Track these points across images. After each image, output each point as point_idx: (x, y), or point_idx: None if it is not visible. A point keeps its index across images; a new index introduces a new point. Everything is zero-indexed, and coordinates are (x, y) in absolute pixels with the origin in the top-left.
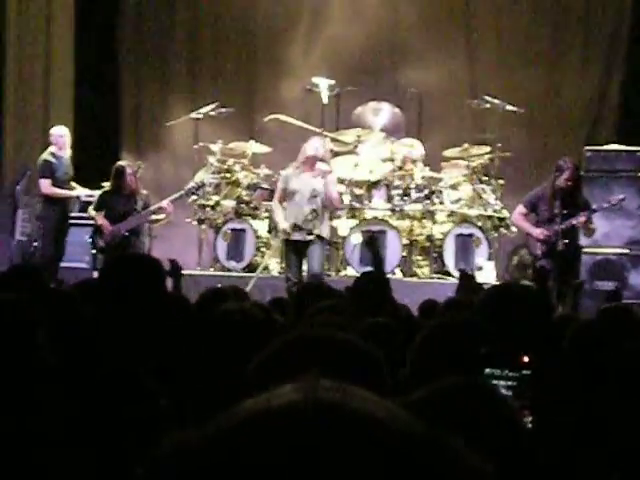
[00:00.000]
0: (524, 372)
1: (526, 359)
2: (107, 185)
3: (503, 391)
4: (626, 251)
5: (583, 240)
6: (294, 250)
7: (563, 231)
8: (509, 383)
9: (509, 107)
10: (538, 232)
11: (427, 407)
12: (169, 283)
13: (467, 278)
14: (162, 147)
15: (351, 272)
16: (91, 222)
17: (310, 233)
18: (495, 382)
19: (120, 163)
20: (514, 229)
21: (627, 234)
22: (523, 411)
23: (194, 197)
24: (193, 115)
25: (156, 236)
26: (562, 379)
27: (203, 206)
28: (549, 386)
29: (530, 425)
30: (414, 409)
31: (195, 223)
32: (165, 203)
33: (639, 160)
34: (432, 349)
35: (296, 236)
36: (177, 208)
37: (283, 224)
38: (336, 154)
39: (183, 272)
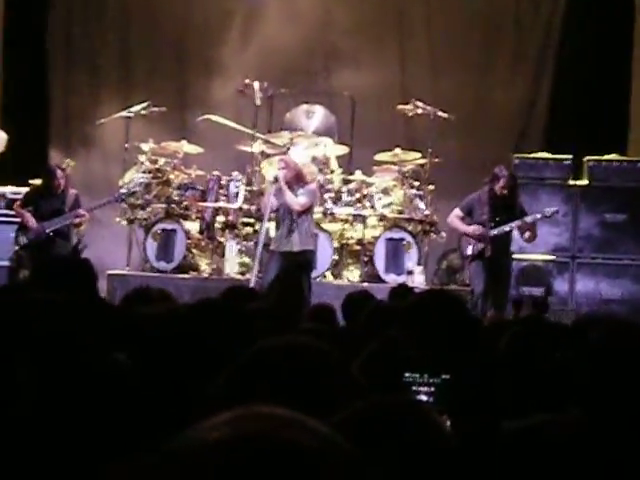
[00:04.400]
0: (443, 377)
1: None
2: (36, 183)
3: (424, 397)
4: (552, 258)
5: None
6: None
7: (493, 237)
8: (429, 389)
9: (440, 113)
10: (473, 228)
11: (357, 426)
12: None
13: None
14: (92, 145)
15: None
16: (17, 220)
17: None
18: (415, 389)
19: (51, 163)
20: (444, 234)
21: (553, 241)
22: (442, 416)
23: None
24: (124, 113)
25: (84, 235)
26: (483, 384)
27: (133, 206)
28: (469, 390)
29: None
30: (345, 428)
31: (125, 223)
32: (82, 211)
33: (566, 168)
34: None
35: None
36: (107, 207)
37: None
38: (267, 156)
39: (113, 272)
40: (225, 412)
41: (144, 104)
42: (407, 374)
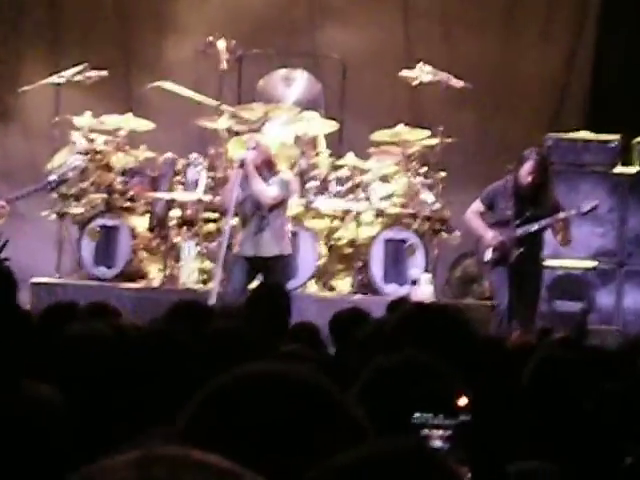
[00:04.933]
0: (462, 418)
1: (464, 401)
2: None
3: (437, 443)
4: (594, 264)
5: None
6: None
7: (519, 239)
8: (444, 433)
9: (454, 81)
10: (490, 237)
11: (357, 477)
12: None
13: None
14: (12, 119)
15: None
16: None
17: None
18: (427, 432)
19: None
20: (458, 234)
21: (595, 244)
22: (461, 467)
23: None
24: (53, 79)
25: (1, 233)
26: (512, 425)
27: (65, 196)
28: (494, 435)
29: None
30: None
31: (54, 218)
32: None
33: (612, 152)
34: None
35: None
36: (31, 197)
37: None
38: (236, 133)
39: (38, 280)
40: (130, 453)
41: (79, 67)
42: (417, 414)
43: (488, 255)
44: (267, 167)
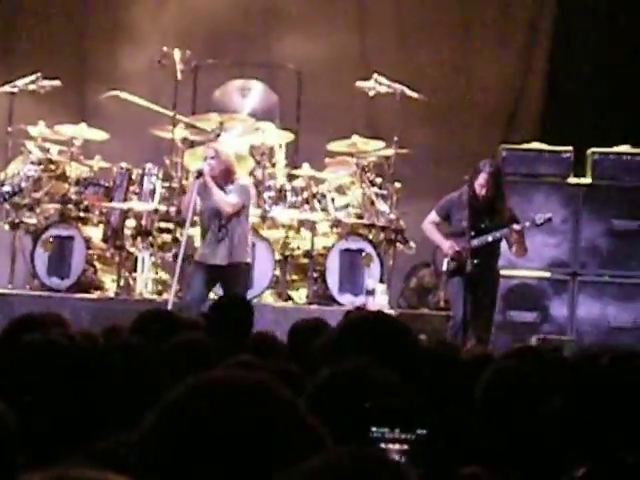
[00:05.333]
0: (419, 432)
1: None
2: None
3: (395, 457)
4: (547, 275)
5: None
6: None
7: (474, 249)
8: (402, 447)
9: (409, 92)
10: (447, 246)
11: None
12: None
13: None
14: None
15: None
16: None
17: None
18: (384, 446)
19: None
20: (413, 245)
21: (549, 254)
22: None
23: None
24: (6, 88)
25: None
26: (468, 439)
27: (18, 206)
28: (452, 449)
29: None
30: None
31: (7, 228)
32: None
33: (565, 163)
34: (322, 404)
35: None
36: None
37: None
38: (191, 144)
39: None
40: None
41: (32, 77)
42: (374, 428)
43: (445, 265)
44: (225, 176)
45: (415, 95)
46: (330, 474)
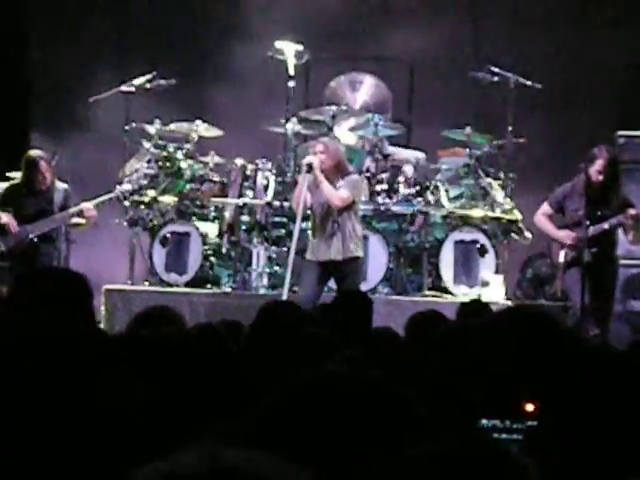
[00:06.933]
0: (529, 423)
1: (530, 407)
2: (15, 177)
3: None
4: None
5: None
6: None
7: (591, 238)
8: (513, 436)
9: (523, 81)
10: (563, 235)
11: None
12: None
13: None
14: (84, 129)
15: None
16: None
17: None
18: (496, 436)
19: (32, 152)
20: (529, 235)
21: None
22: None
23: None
24: (124, 88)
25: (75, 241)
26: (583, 433)
27: (136, 203)
28: (566, 442)
29: None
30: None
31: (126, 225)
32: (88, 206)
33: None
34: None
35: None
36: (102, 205)
37: None
38: (305, 138)
39: (111, 287)
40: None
41: (148, 76)
42: (484, 420)
43: (562, 256)
44: (336, 170)
45: (529, 83)
46: (449, 461)
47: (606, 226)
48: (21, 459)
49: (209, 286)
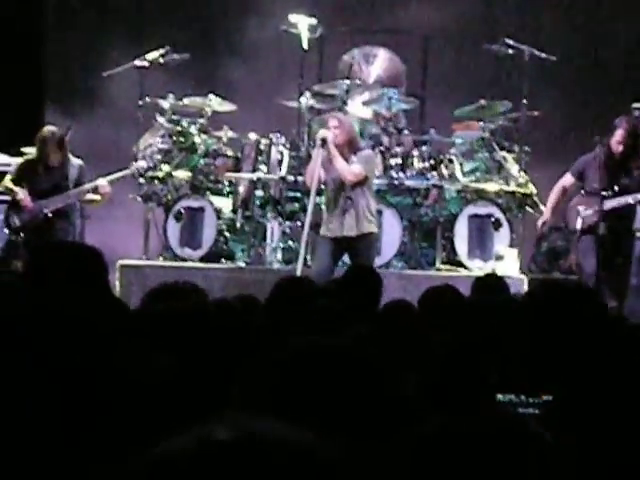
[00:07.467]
0: (545, 397)
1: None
2: (29, 153)
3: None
4: None
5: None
6: None
7: (609, 211)
8: (529, 410)
9: (538, 53)
10: (544, 217)
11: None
12: None
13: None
14: (98, 103)
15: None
16: (7, 198)
17: None
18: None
19: (47, 128)
20: (543, 208)
21: None
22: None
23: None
24: (137, 62)
25: (89, 217)
26: (599, 408)
27: (150, 179)
28: (584, 417)
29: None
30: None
31: (140, 200)
32: (103, 182)
33: None
34: (449, 369)
35: None
36: (117, 182)
37: None
38: (318, 112)
39: (126, 262)
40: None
41: (162, 50)
42: (500, 395)
43: (579, 223)
44: (349, 145)
45: (544, 55)
46: (467, 436)
47: (631, 200)
48: (40, 431)
49: (223, 261)
